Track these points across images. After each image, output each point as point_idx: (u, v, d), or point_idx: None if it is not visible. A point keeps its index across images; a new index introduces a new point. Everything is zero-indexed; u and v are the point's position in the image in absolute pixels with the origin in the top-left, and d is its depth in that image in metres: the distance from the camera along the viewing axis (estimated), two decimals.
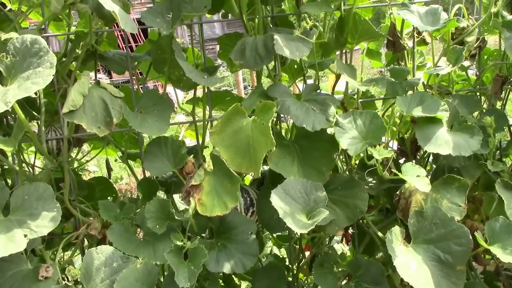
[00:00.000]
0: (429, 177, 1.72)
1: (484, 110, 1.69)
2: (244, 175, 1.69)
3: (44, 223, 1.26)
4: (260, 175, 1.41)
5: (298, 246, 1.90)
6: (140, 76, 1.82)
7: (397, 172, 1.45)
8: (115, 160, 1.96)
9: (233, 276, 1.79)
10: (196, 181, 1.42)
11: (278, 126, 1.69)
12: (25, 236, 1.23)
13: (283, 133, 1.74)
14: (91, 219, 1.49)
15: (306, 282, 1.94)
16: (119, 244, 1.39)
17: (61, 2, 1.29)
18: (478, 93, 1.78)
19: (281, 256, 2.16)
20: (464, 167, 1.63)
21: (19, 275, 1.34)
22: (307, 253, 1.93)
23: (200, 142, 1.67)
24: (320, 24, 1.64)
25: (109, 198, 1.83)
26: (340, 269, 1.74)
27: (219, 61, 2.10)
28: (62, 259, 1.71)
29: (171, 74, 1.59)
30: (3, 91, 1.10)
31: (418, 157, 1.83)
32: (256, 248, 1.49)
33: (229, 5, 1.60)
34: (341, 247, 2.49)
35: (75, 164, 1.88)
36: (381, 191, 1.84)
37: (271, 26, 1.68)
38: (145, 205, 1.48)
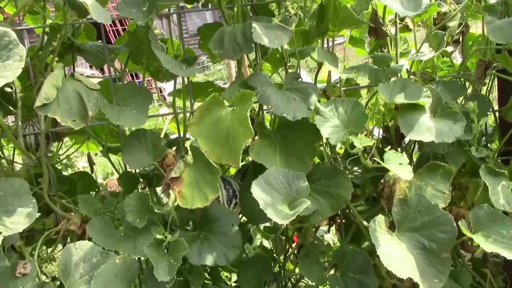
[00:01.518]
0: (413, 165, 1.72)
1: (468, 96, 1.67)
2: (226, 166, 1.67)
3: (20, 220, 1.24)
4: (240, 166, 1.39)
5: (284, 237, 1.88)
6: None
7: (379, 161, 1.43)
8: (95, 154, 1.94)
9: (219, 268, 1.77)
10: (176, 173, 1.40)
11: (260, 116, 1.66)
12: (0, 233, 1.21)
13: (267, 123, 1.72)
14: (72, 214, 1.47)
15: (293, 272, 1.92)
16: (98, 239, 1.37)
17: None
18: (462, 79, 1.76)
19: (269, 248, 2.14)
20: (448, 154, 1.62)
21: None
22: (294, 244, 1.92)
23: (182, 134, 1.65)
24: (301, 11, 1.62)
25: (91, 193, 1.81)
26: (326, 259, 1.73)
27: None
28: (43, 255, 1.69)
29: (150, 66, 1.56)
30: None
31: (403, 144, 1.82)
32: (239, 240, 1.47)
33: None
34: (331, 237, 2.48)
35: (64, 160, 1.85)
36: (366, 180, 1.83)
37: (251, 15, 1.65)
38: (123, 199, 1.47)
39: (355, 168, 1.78)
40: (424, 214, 1.45)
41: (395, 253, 1.39)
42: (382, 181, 1.58)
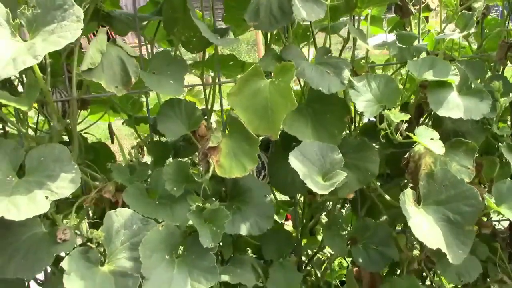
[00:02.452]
0: None
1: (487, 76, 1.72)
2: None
3: (64, 185, 1.23)
4: (278, 137, 1.41)
5: (301, 212, 1.92)
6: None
7: (411, 135, 1.47)
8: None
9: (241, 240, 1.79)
10: (213, 143, 1.41)
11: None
12: (47, 197, 1.19)
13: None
14: (100, 183, 1.46)
15: (311, 246, 1.96)
16: (136, 207, 1.36)
17: None
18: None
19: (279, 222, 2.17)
20: (468, 132, 1.67)
21: (35, 238, 1.31)
22: None
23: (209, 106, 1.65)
24: None
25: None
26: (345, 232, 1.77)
27: None
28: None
29: (181, 35, 1.55)
30: (28, 44, 1.05)
31: (419, 123, 1.86)
32: (272, 210, 1.50)
33: None
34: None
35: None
36: (382, 157, 1.87)
37: None
38: (158, 168, 1.47)
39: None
40: (450, 188, 1.51)
41: (424, 224, 1.44)
42: (406, 156, 1.62)
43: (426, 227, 1.44)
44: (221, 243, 1.51)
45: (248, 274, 1.53)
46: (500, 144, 1.68)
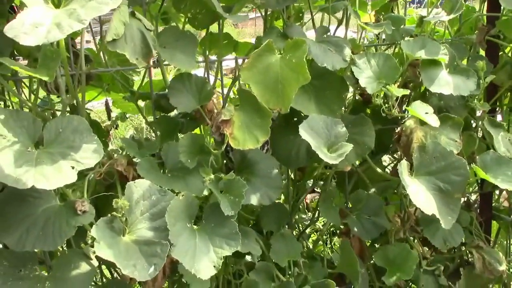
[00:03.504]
0: None
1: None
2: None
3: (88, 155, 1.23)
4: (288, 110, 1.46)
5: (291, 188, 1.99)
6: None
7: (409, 109, 1.57)
8: (113, 103, 1.91)
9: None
10: (226, 116, 1.45)
11: None
12: (73, 168, 1.19)
13: None
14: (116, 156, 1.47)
15: (303, 219, 2.04)
16: (150, 180, 1.38)
17: None
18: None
19: None
20: (452, 108, 1.80)
21: (51, 211, 1.30)
22: None
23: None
24: None
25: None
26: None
27: None
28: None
29: (188, 12, 1.57)
30: (67, 10, 1.04)
31: (404, 101, 1.98)
32: (280, 181, 1.56)
33: None
34: None
35: None
36: None
37: None
38: (167, 142, 1.50)
39: None
40: (440, 159, 1.62)
41: (420, 193, 1.55)
42: (397, 131, 1.73)
43: (422, 195, 1.55)
44: None
45: (253, 244, 1.58)
46: (476, 120, 1.83)
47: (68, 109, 1.54)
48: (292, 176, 1.94)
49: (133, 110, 2.09)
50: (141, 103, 1.86)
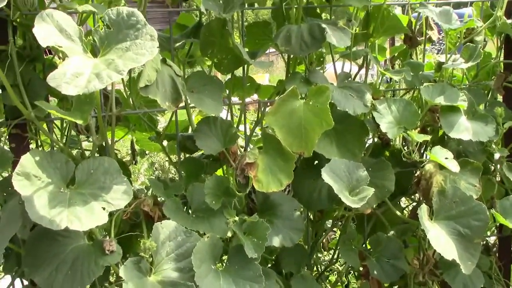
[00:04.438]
0: None
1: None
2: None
3: (118, 196, 1.27)
4: (311, 154, 1.50)
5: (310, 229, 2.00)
6: None
7: (429, 154, 1.60)
8: (136, 142, 1.96)
9: None
10: (250, 159, 1.49)
11: None
12: (104, 209, 1.23)
13: None
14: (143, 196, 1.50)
15: (323, 260, 2.05)
16: (176, 220, 1.42)
17: None
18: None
19: None
20: (471, 153, 1.82)
21: (80, 250, 1.33)
22: None
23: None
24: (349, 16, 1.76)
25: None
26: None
27: None
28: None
29: (215, 57, 1.63)
30: (105, 60, 1.10)
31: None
32: (301, 224, 1.58)
33: None
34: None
35: None
36: None
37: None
38: (192, 183, 1.53)
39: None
40: (460, 204, 1.64)
41: (441, 237, 1.57)
42: (417, 174, 1.75)
43: (443, 239, 1.56)
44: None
45: (274, 286, 1.59)
46: (495, 164, 1.85)
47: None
48: (311, 216, 1.96)
49: (155, 149, 2.14)
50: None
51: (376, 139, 1.88)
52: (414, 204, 2.06)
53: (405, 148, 1.71)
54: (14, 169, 1.21)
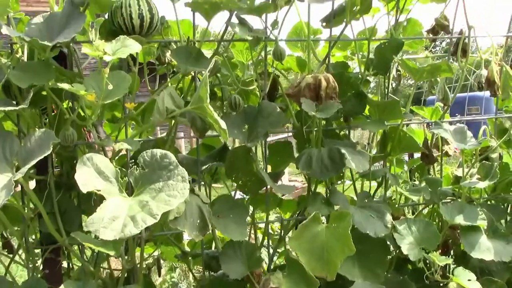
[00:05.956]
0: None
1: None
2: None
3: None
4: (334, 277, 1.52)
5: None
6: None
7: (450, 276, 1.62)
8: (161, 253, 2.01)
9: None
10: (274, 283, 1.52)
11: None
12: None
13: None
14: None
15: None
16: None
17: (164, 115, 1.42)
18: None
19: None
20: (494, 271, 1.82)
21: None
22: None
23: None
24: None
25: None
26: None
27: None
28: None
29: (239, 180, 1.71)
30: (139, 202, 1.18)
31: None
32: None
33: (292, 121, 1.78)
34: None
35: None
36: None
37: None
38: None
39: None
40: None
41: None
42: None
43: None
44: None
45: None
46: None
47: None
48: None
49: (180, 261, 2.18)
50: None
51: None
52: None
53: (427, 264, 1.73)
54: None
